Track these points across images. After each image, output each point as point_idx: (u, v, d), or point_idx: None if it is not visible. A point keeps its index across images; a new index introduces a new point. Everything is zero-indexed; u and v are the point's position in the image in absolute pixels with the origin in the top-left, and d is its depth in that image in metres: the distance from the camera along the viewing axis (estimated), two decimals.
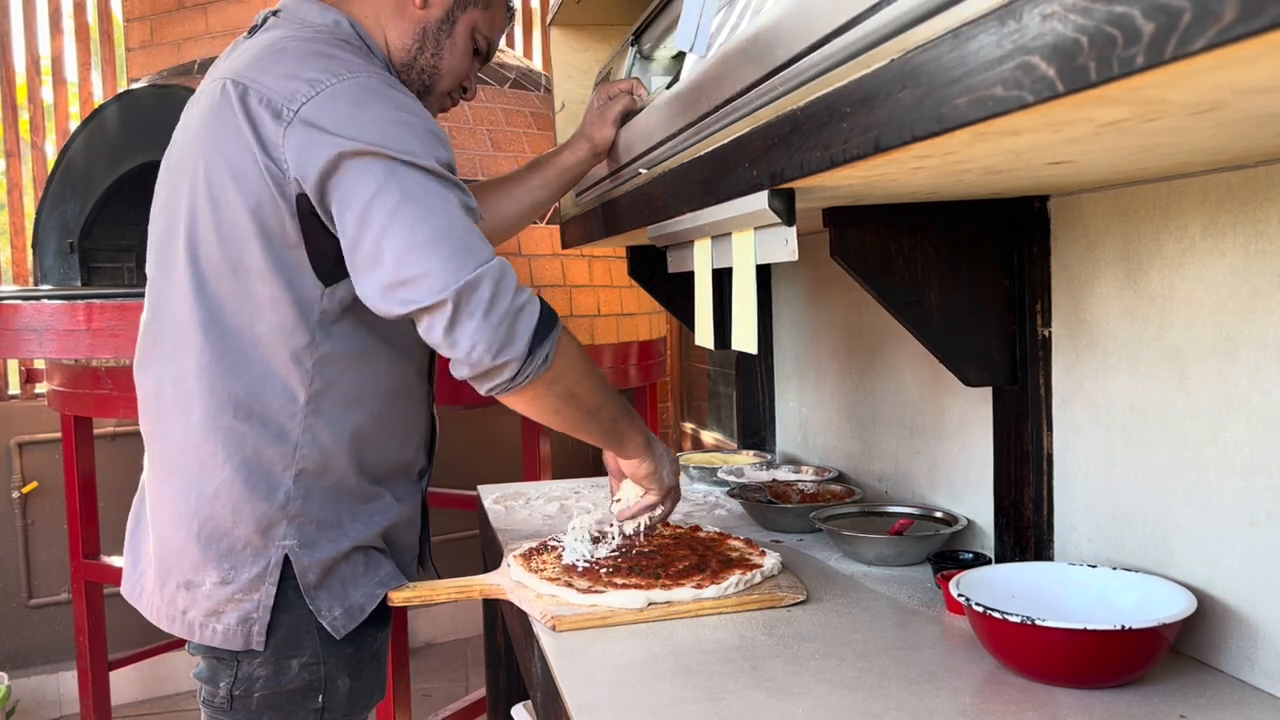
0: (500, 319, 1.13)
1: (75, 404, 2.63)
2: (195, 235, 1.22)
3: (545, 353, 1.17)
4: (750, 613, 1.18)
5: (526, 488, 1.99)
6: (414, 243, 1.12)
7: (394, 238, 1.12)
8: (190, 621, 1.25)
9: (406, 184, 1.13)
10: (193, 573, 1.24)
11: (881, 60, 0.67)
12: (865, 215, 1.15)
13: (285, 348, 1.21)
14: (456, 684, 3.61)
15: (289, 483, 1.23)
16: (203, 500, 1.23)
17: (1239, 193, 0.92)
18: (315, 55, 1.20)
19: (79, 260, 2.93)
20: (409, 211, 1.12)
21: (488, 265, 1.13)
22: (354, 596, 1.26)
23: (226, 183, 1.19)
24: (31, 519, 3.48)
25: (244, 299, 1.20)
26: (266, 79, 1.18)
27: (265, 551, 1.22)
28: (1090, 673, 0.92)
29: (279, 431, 1.22)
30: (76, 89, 3.75)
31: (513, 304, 1.14)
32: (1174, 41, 0.41)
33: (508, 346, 1.14)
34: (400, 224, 1.12)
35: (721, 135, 1.01)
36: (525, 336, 1.15)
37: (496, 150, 2.74)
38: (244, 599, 1.23)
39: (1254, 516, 0.92)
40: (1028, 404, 1.21)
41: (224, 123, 1.19)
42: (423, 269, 1.12)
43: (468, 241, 1.14)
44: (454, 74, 1.38)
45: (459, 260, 1.12)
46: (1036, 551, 1.21)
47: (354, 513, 1.28)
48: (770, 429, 2.15)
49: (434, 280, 1.11)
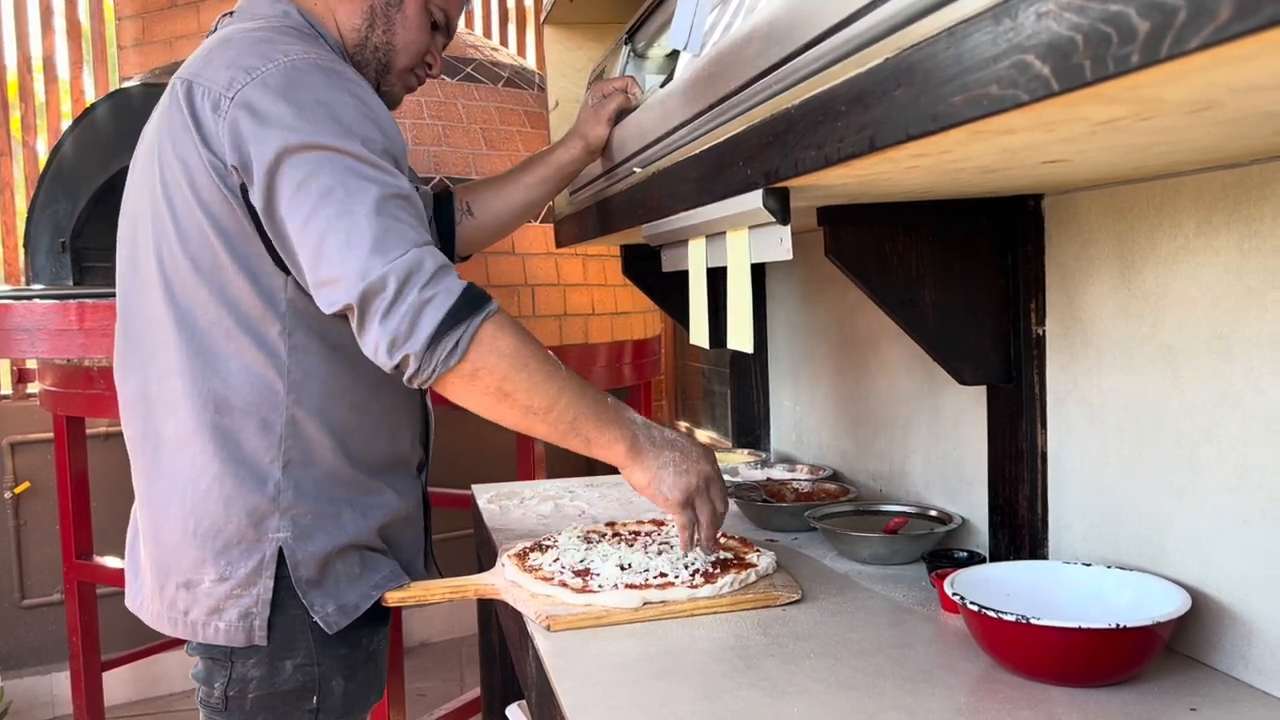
0: (402, 316, 1.12)
1: (67, 404, 2.62)
2: (159, 237, 1.23)
3: (452, 343, 1.13)
4: (745, 612, 1.18)
5: (521, 487, 1.99)
6: (327, 245, 1.13)
7: (310, 239, 1.13)
8: (193, 622, 1.25)
9: (328, 177, 1.13)
10: (191, 572, 1.24)
11: (876, 59, 0.66)
12: (860, 214, 1.15)
13: (259, 340, 1.22)
14: (451, 683, 3.60)
15: (277, 474, 1.23)
16: (195, 498, 1.22)
17: (1233, 191, 0.92)
18: (256, 42, 1.21)
19: (71, 259, 2.91)
20: (325, 212, 1.13)
21: (395, 263, 1.12)
22: (348, 595, 1.26)
23: (180, 181, 1.20)
24: (24, 519, 3.47)
25: (211, 295, 1.21)
26: (209, 71, 1.20)
27: (259, 545, 1.22)
28: (1085, 671, 0.92)
29: (262, 423, 1.22)
30: (68, 87, 3.74)
31: (419, 298, 1.12)
32: (1169, 40, 0.41)
33: (405, 342, 1.12)
34: (316, 225, 1.13)
35: (716, 134, 1.00)
36: (427, 330, 1.12)
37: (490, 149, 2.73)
38: (242, 594, 1.22)
39: (1248, 515, 0.92)
40: (1022, 402, 1.21)
41: (173, 122, 1.21)
42: (335, 272, 1.13)
43: (379, 240, 1.13)
44: (411, 50, 1.37)
45: (365, 262, 1.12)
46: (1031, 550, 1.21)
47: (351, 504, 1.27)
48: (765, 427, 2.15)
49: (344, 284, 1.12)
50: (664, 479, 1.21)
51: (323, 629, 1.24)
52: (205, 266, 1.21)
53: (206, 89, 1.18)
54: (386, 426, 1.33)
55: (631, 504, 1.80)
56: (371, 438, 1.30)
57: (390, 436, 1.34)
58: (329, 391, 1.25)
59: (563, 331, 2.72)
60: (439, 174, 2.58)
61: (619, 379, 2.97)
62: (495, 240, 1.68)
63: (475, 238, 1.63)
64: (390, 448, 1.34)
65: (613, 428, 1.20)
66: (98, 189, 2.83)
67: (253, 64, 1.17)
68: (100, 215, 2.92)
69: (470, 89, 2.76)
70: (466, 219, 1.61)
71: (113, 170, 2.78)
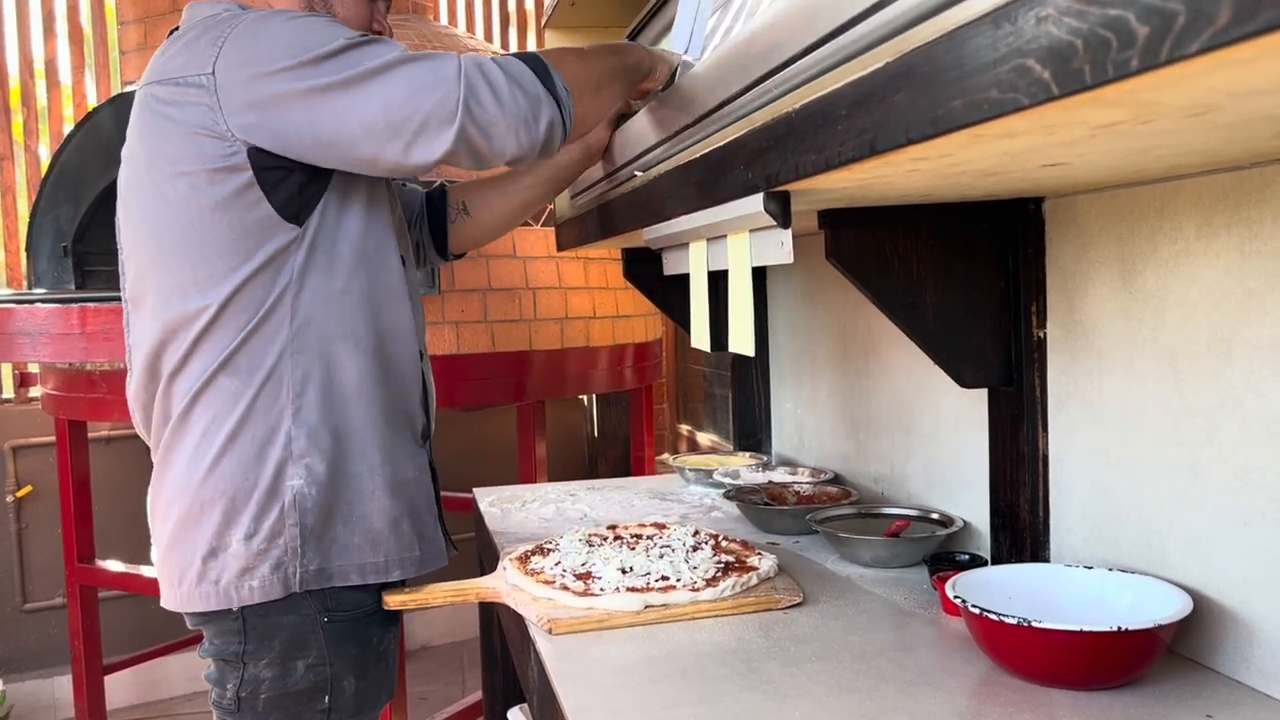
0: (510, 98, 1.18)
1: (69, 408, 2.63)
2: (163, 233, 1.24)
3: (560, 90, 1.21)
4: (747, 615, 1.18)
5: (522, 490, 1.99)
6: (395, 102, 1.15)
7: (374, 119, 1.15)
8: (225, 588, 1.24)
9: (350, 65, 1.15)
10: (216, 539, 1.24)
11: (877, 63, 0.67)
12: (861, 217, 1.15)
13: (267, 296, 1.23)
14: (453, 687, 3.60)
15: (289, 422, 1.24)
16: (212, 463, 1.24)
17: (1233, 194, 0.92)
18: (207, 28, 1.22)
19: (73, 264, 2.92)
20: (368, 85, 1.15)
21: (460, 74, 1.16)
22: (334, 562, 1.27)
23: (173, 177, 1.21)
24: (26, 523, 3.47)
25: (221, 268, 1.22)
26: (170, 68, 1.22)
27: (278, 495, 1.24)
28: (1086, 674, 0.92)
29: (268, 373, 1.24)
30: (70, 91, 3.75)
31: (504, 76, 1.18)
32: (1168, 45, 0.41)
33: (538, 111, 1.19)
34: (373, 99, 1.15)
35: (717, 138, 1.01)
36: (534, 91, 1.19)
37: None
38: (270, 547, 1.24)
39: (1249, 517, 0.92)
40: (1023, 405, 1.21)
41: (149, 127, 1.23)
42: (419, 114, 1.15)
43: (431, 68, 1.16)
44: (353, 24, 1.36)
45: (443, 87, 1.15)
46: (1032, 553, 1.21)
47: (360, 455, 1.28)
48: (766, 431, 2.15)
49: (436, 118, 1.15)
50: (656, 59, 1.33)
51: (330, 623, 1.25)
52: (213, 246, 1.22)
53: (173, 80, 1.20)
54: (394, 375, 1.33)
55: (633, 507, 1.80)
56: (379, 384, 1.31)
57: (398, 388, 1.34)
58: (331, 335, 1.26)
59: (564, 335, 2.72)
60: (440, 178, 2.58)
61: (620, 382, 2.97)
62: (490, 240, 1.68)
63: (471, 237, 1.63)
64: (398, 402, 1.34)
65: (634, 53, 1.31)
66: (99, 193, 2.83)
67: (213, 38, 1.19)
68: (102, 220, 2.93)
69: None
70: (462, 218, 1.61)
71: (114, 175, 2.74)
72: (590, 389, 2.92)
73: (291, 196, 1.22)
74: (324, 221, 1.25)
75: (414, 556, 1.33)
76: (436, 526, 1.40)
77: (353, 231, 1.28)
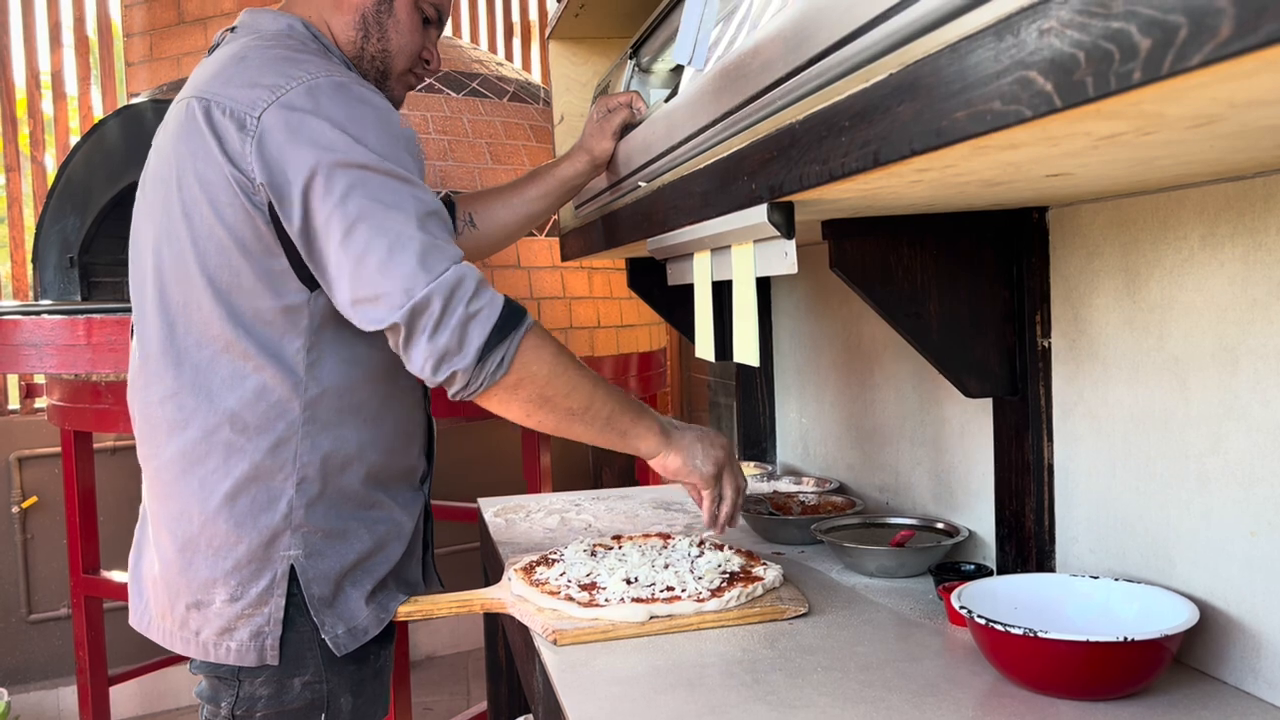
0: (451, 332, 1.13)
1: (75, 419, 2.63)
2: (174, 258, 1.21)
3: (499, 358, 1.16)
4: (752, 626, 1.17)
5: (527, 500, 1.99)
6: (370, 262, 1.13)
7: (351, 254, 1.14)
8: (204, 642, 1.24)
9: (363, 196, 1.14)
10: (201, 592, 1.23)
11: (880, 74, 0.67)
12: (864, 227, 1.15)
13: (275, 358, 1.21)
14: (457, 697, 3.59)
15: (291, 491, 1.22)
16: (205, 518, 1.22)
17: (1237, 203, 0.92)
18: (275, 61, 1.20)
19: (79, 275, 2.93)
20: (364, 229, 1.13)
21: (440, 279, 1.13)
22: (359, 617, 1.26)
23: (200, 200, 1.19)
24: (31, 534, 3.47)
25: (227, 314, 1.20)
26: (229, 90, 1.19)
27: (270, 564, 1.22)
28: (1093, 684, 0.92)
29: (277, 441, 1.22)
30: (76, 103, 3.76)
31: (465, 313, 1.14)
32: (1171, 57, 0.41)
33: (454, 357, 1.14)
34: (357, 241, 1.13)
35: (721, 149, 1.01)
36: (475, 346, 1.14)
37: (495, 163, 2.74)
38: (254, 614, 1.22)
39: (1255, 526, 0.92)
40: (1028, 415, 1.21)
41: (192, 141, 1.20)
42: (378, 290, 1.13)
43: (423, 257, 1.14)
44: (407, 52, 1.37)
45: (411, 279, 1.13)
46: (1038, 562, 1.20)
47: (360, 519, 1.28)
48: (771, 440, 2.14)
49: (389, 301, 1.13)
50: (696, 455, 1.32)
51: (328, 647, 1.24)
52: (223, 285, 1.19)
53: (229, 108, 1.17)
54: (400, 438, 1.33)
55: (638, 517, 1.80)
56: (384, 452, 1.30)
57: (401, 450, 1.34)
58: (344, 407, 1.25)
59: (568, 344, 2.72)
60: (445, 188, 2.59)
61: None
62: (496, 251, 1.69)
63: (477, 248, 1.64)
64: (402, 460, 1.34)
65: (644, 418, 1.29)
66: (106, 204, 2.84)
67: (276, 82, 1.17)
68: (108, 231, 2.94)
69: (476, 104, 2.77)
70: (468, 229, 1.61)
71: (121, 186, 2.79)
72: None
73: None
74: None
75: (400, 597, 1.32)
76: (419, 569, 1.40)
77: None
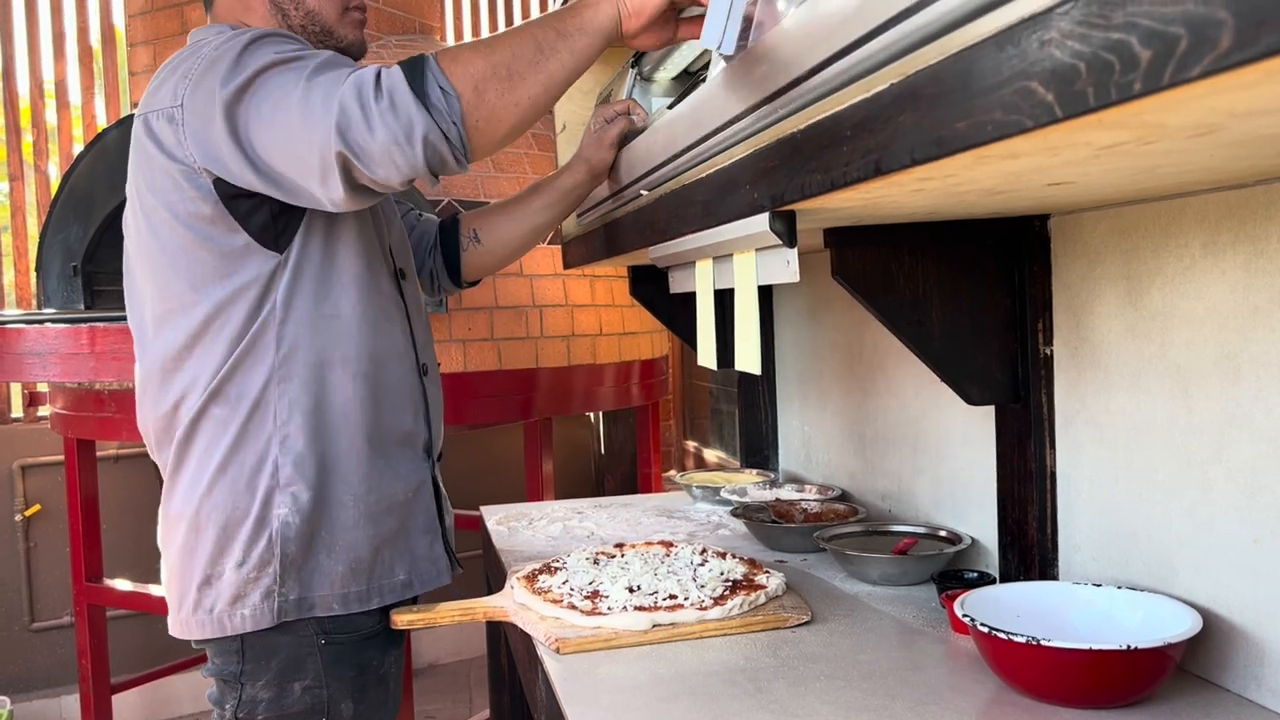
0: (383, 119, 1.08)
1: (78, 427, 2.64)
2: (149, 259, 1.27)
3: (438, 93, 1.09)
4: (755, 634, 1.17)
5: (529, 508, 1.99)
6: (293, 150, 1.11)
7: (277, 154, 1.13)
8: (219, 616, 1.25)
9: (261, 97, 1.13)
10: (210, 566, 1.25)
11: (881, 85, 0.67)
12: (866, 235, 1.15)
13: (251, 324, 1.24)
14: (460, 705, 3.59)
15: (275, 451, 1.25)
16: (205, 492, 1.25)
17: (1238, 211, 0.93)
18: (185, 59, 1.23)
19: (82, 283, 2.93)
20: (273, 123, 1.12)
21: (342, 101, 1.08)
22: (315, 589, 1.26)
23: (158, 208, 1.23)
24: (34, 542, 3.48)
25: (206, 296, 1.23)
26: (156, 98, 1.23)
27: (266, 523, 1.24)
28: (1096, 693, 0.92)
29: (255, 402, 1.25)
30: (80, 112, 3.77)
31: (381, 99, 1.08)
32: (1171, 68, 0.41)
33: (409, 130, 1.08)
34: (275, 137, 1.12)
35: (723, 157, 1.01)
36: (409, 104, 1.07)
37: (497, 171, 2.75)
38: (260, 575, 1.24)
39: (1258, 534, 0.92)
40: (1030, 422, 1.21)
41: (138, 156, 1.26)
42: (312, 159, 1.10)
43: (313, 102, 1.10)
44: (326, 9, 1.33)
45: (320, 130, 1.09)
46: (1041, 571, 1.20)
47: (346, 483, 1.28)
48: (773, 447, 2.14)
49: (321, 159, 1.10)
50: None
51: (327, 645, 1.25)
52: (199, 275, 1.23)
53: (158, 111, 1.22)
54: (387, 399, 1.33)
55: (640, 525, 1.80)
56: (370, 410, 1.30)
57: (392, 410, 1.34)
58: (318, 362, 1.27)
59: (570, 352, 2.73)
60: (447, 197, 2.59)
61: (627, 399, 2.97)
62: (503, 265, 1.70)
63: (483, 263, 1.64)
64: (394, 423, 1.34)
65: (583, 10, 1.18)
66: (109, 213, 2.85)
67: (188, 69, 1.20)
68: (112, 240, 2.94)
69: None
70: (474, 245, 1.62)
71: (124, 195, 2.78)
72: (597, 406, 2.92)
73: (266, 224, 1.22)
74: (307, 246, 1.26)
75: (396, 582, 1.32)
76: (436, 544, 1.38)
77: (340, 255, 1.28)
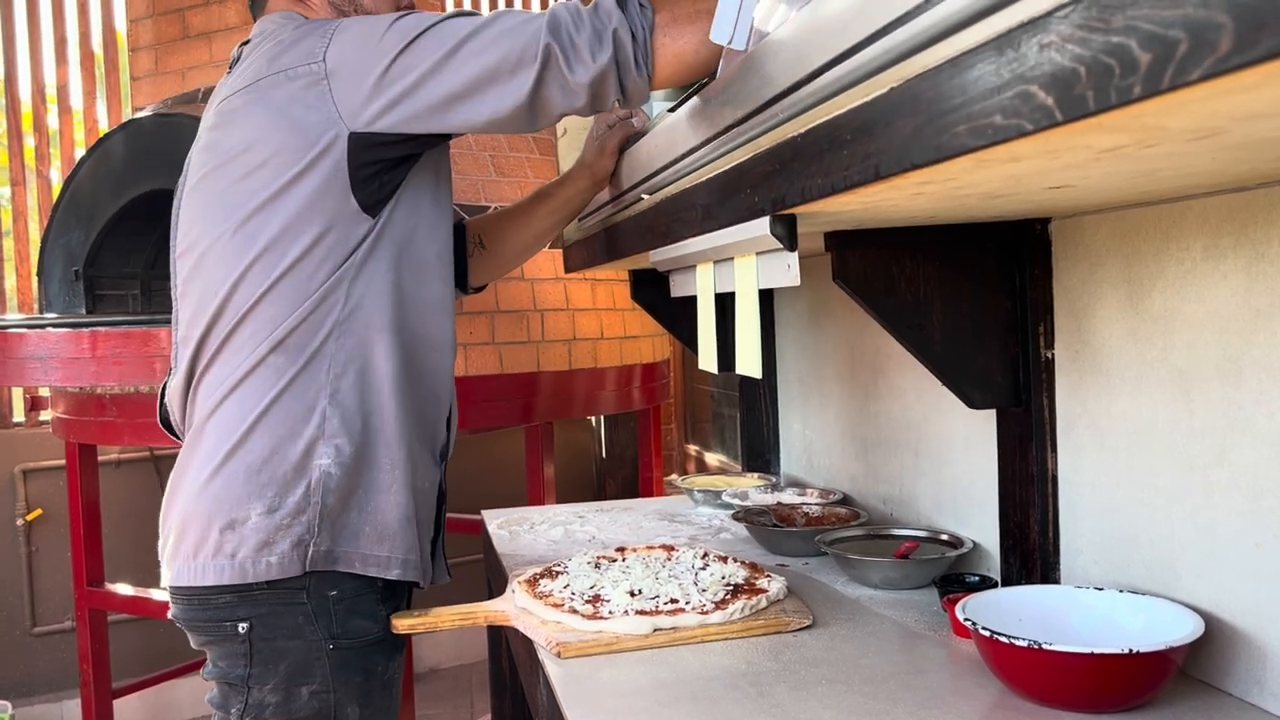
0: (589, 18, 1.16)
1: (80, 431, 2.64)
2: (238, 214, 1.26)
3: (633, 6, 1.16)
4: (756, 638, 1.17)
5: (531, 512, 1.99)
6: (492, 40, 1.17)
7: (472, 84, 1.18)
8: (241, 562, 1.24)
9: (433, 46, 1.19)
10: (235, 509, 1.24)
11: (882, 88, 0.67)
12: (867, 238, 1.15)
13: (327, 279, 1.25)
14: (461, 710, 3.59)
15: (324, 402, 1.25)
16: (245, 434, 1.24)
17: (1240, 215, 0.93)
18: (308, 33, 1.26)
19: (84, 288, 2.94)
20: (460, 58, 1.18)
21: (550, 12, 1.17)
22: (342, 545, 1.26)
23: (266, 163, 1.23)
24: (35, 546, 3.48)
25: (289, 246, 1.24)
26: (282, 62, 1.24)
27: (305, 472, 1.24)
28: (1098, 696, 0.92)
29: (314, 353, 1.25)
30: (82, 117, 3.78)
31: (585, 4, 1.17)
32: (1171, 71, 0.41)
33: (608, 20, 1.15)
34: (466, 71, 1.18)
35: (723, 161, 1.01)
36: (609, 4, 1.16)
37: (500, 175, 2.75)
38: (293, 524, 1.24)
39: (1260, 539, 0.92)
40: (1032, 426, 1.21)
41: (242, 120, 1.26)
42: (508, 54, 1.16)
43: (518, 17, 1.18)
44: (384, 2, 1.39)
45: (524, 25, 1.17)
46: (1042, 574, 1.20)
47: (387, 447, 1.29)
48: (774, 451, 2.14)
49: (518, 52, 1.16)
50: None
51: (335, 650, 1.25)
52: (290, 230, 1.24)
53: (288, 72, 1.23)
54: (422, 384, 1.34)
55: (641, 529, 1.80)
56: (407, 385, 1.31)
57: (424, 397, 1.35)
58: (376, 326, 1.28)
59: (572, 356, 2.73)
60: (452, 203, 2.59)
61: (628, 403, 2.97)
62: (508, 271, 1.70)
63: (488, 270, 1.65)
64: (427, 409, 1.35)
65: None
66: (111, 218, 2.85)
67: (322, 32, 1.24)
68: (113, 244, 2.95)
69: None
70: (479, 251, 1.63)
71: (125, 199, 2.80)
72: (598, 410, 2.92)
73: (373, 191, 1.26)
74: (393, 218, 1.29)
75: (416, 560, 1.32)
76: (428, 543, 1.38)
77: (417, 234, 1.32)
